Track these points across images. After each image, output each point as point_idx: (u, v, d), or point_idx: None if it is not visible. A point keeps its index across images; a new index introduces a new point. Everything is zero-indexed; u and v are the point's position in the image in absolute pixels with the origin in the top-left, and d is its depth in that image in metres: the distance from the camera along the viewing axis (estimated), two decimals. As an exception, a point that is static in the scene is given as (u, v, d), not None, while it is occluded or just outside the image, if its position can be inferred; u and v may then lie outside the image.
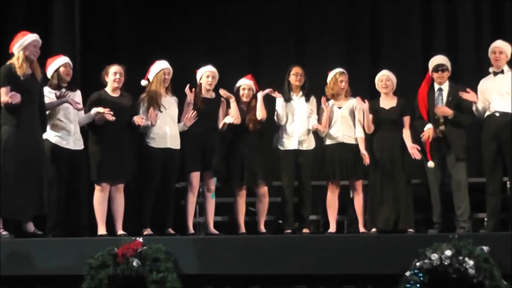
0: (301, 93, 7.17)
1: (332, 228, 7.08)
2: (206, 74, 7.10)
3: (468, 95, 6.67)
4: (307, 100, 7.19)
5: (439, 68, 6.84)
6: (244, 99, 7.12)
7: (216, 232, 7.09)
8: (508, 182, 7.07)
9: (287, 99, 7.17)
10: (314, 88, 7.37)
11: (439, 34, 8.72)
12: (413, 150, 6.78)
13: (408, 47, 8.75)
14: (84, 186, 6.84)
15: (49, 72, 6.69)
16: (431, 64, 6.95)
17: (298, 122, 7.14)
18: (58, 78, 6.64)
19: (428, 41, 8.70)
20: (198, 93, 7.07)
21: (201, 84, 7.10)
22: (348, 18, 9.05)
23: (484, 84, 6.85)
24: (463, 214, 6.74)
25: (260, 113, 7.02)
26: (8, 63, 6.27)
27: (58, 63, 6.69)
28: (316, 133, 7.24)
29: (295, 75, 7.16)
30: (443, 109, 6.73)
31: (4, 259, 6.07)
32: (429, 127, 6.79)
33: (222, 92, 7.02)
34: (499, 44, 6.78)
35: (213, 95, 7.14)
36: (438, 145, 6.84)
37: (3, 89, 6.11)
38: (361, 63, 8.81)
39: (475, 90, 6.89)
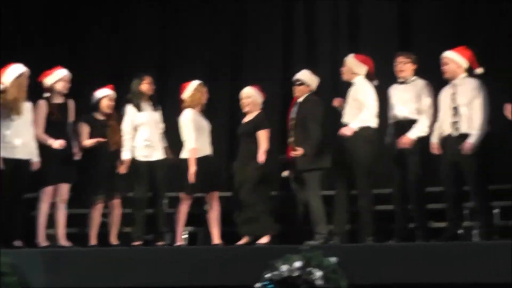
0: (152, 102, 7.13)
1: (179, 239, 7.05)
2: (60, 78, 6.92)
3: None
4: (157, 109, 7.17)
5: (295, 82, 6.94)
6: (108, 110, 7.01)
7: (68, 244, 6.90)
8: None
9: (139, 108, 7.10)
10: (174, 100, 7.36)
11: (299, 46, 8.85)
12: (262, 159, 6.82)
13: (270, 61, 8.84)
14: None
15: None
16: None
17: (152, 132, 7.08)
18: None
19: (289, 55, 8.82)
20: (49, 98, 6.89)
21: (52, 88, 6.91)
22: (209, 33, 9.05)
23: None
24: (318, 224, 6.72)
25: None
26: None
27: None
28: (172, 143, 7.22)
29: (148, 84, 7.13)
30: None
31: None
32: (290, 140, 6.89)
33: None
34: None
35: (62, 99, 6.96)
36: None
37: None
38: (222, 78, 8.87)
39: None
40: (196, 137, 6.94)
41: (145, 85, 7.11)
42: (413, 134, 6.51)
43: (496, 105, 6.47)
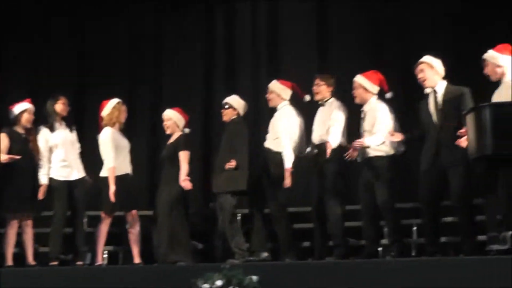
0: (66, 122, 7.05)
1: (100, 259, 6.97)
2: None
3: None
4: (73, 129, 7.09)
5: (223, 106, 7.00)
6: (28, 124, 6.91)
7: None
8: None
9: (52, 129, 7.01)
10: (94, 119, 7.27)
11: (219, 70, 8.86)
12: (184, 183, 6.83)
13: (190, 83, 8.85)
14: None
15: None
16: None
17: (68, 152, 7.01)
18: None
19: (210, 76, 8.83)
20: None
21: None
22: (131, 52, 9.02)
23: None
24: (236, 244, 6.73)
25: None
26: None
27: None
28: (86, 162, 7.16)
29: (63, 104, 7.04)
30: None
31: None
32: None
33: None
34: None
35: None
36: None
37: None
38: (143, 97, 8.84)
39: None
40: (115, 156, 6.89)
41: (60, 105, 7.04)
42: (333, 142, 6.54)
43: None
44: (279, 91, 6.86)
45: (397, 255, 6.33)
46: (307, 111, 7.03)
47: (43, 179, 6.91)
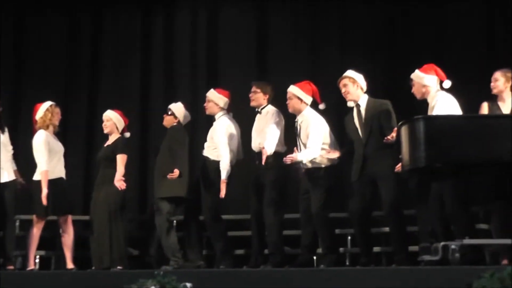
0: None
1: (31, 263, 6.87)
2: None
3: None
4: (4, 131, 6.95)
5: (167, 111, 7.03)
6: None
7: None
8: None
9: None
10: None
11: (157, 76, 8.86)
12: (119, 183, 6.81)
13: (128, 88, 8.82)
14: None
15: None
16: None
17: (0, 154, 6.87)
18: None
19: (148, 83, 8.81)
20: None
21: None
22: (67, 53, 8.94)
23: None
24: (171, 250, 6.75)
25: None
26: None
27: None
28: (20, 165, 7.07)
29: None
30: None
31: None
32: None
33: None
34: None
35: None
36: None
37: None
38: (79, 100, 8.73)
39: None
40: (48, 159, 6.81)
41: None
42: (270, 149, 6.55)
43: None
44: (217, 100, 6.88)
45: (330, 264, 6.37)
46: (247, 118, 7.05)
47: None
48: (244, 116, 7.15)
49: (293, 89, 6.62)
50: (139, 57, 8.90)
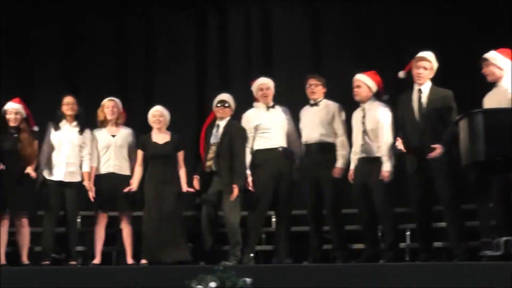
0: (75, 122, 7.05)
1: (97, 259, 6.99)
2: None
3: None
4: (81, 131, 7.06)
5: (220, 104, 6.91)
6: (12, 123, 6.89)
7: None
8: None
9: (58, 128, 7.03)
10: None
11: (212, 70, 8.93)
12: (186, 188, 6.87)
13: (182, 83, 8.90)
14: None
15: None
16: (215, 100, 7.02)
17: (67, 153, 7.01)
18: None
19: (203, 77, 8.90)
20: None
21: None
22: (122, 52, 9.11)
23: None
24: (235, 247, 6.75)
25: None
26: None
27: None
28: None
29: (66, 105, 7.03)
30: None
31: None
32: (209, 164, 6.88)
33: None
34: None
35: None
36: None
37: None
38: (134, 96, 8.84)
39: None
40: (97, 155, 7.01)
41: (65, 106, 7.07)
42: (340, 163, 6.60)
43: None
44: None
45: (392, 259, 6.37)
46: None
47: (44, 174, 6.97)
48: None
49: (362, 77, 6.61)
50: (194, 55, 8.99)
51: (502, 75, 5.84)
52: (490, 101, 5.94)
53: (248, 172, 6.78)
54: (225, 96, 7.01)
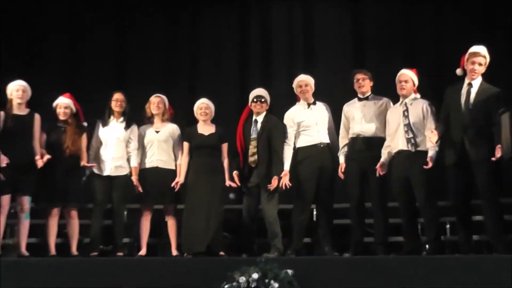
0: (122, 118, 7.18)
1: (143, 251, 7.07)
2: (15, 88, 6.89)
3: None
4: (127, 127, 7.19)
5: (257, 99, 6.96)
6: (61, 117, 7.02)
7: (27, 254, 6.84)
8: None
9: (106, 124, 7.15)
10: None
11: (254, 65, 9.06)
12: (229, 182, 6.91)
13: (226, 77, 9.03)
14: None
15: None
16: (251, 95, 7.04)
17: (114, 148, 7.12)
18: None
19: (245, 72, 9.03)
20: (9, 110, 6.84)
21: (11, 99, 6.90)
22: (168, 47, 9.28)
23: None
24: (274, 239, 6.79)
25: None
26: None
27: None
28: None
29: (115, 101, 7.16)
30: None
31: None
32: (253, 159, 6.91)
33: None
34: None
35: (25, 111, 6.91)
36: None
37: None
38: (179, 90, 8.97)
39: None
40: (141, 150, 7.15)
41: (114, 102, 7.19)
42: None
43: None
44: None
45: (433, 252, 6.35)
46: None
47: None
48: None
49: (410, 73, 6.66)
50: (237, 50, 9.11)
51: None
52: None
53: (287, 168, 6.82)
54: (261, 91, 7.03)
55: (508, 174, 6.25)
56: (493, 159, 5.85)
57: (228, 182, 6.94)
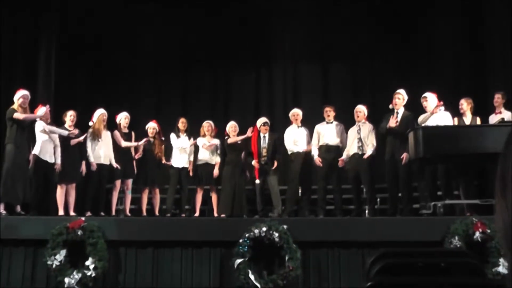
0: (185, 134, 9.29)
1: (197, 214, 8.92)
2: (124, 117, 8.97)
3: None
4: (189, 139, 9.21)
5: (265, 124, 8.98)
6: (150, 134, 9.11)
7: (129, 215, 8.76)
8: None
9: (178, 137, 9.19)
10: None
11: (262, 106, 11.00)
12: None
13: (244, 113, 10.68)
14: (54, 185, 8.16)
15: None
16: (259, 121, 9.04)
17: (181, 151, 9.22)
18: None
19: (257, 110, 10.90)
20: (119, 130, 8.89)
21: (120, 124, 9.01)
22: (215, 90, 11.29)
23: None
24: (277, 206, 8.51)
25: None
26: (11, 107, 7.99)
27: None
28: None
29: (181, 123, 9.29)
30: None
31: (2, 228, 7.25)
32: (254, 162, 8.75)
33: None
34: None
35: (126, 130, 8.99)
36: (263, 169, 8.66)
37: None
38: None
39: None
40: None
41: (180, 124, 9.27)
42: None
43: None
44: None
45: (371, 215, 8.11)
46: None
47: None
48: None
49: (362, 108, 8.47)
50: (252, 98, 11.23)
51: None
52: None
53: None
54: (265, 119, 9.03)
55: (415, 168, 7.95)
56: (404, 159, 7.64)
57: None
